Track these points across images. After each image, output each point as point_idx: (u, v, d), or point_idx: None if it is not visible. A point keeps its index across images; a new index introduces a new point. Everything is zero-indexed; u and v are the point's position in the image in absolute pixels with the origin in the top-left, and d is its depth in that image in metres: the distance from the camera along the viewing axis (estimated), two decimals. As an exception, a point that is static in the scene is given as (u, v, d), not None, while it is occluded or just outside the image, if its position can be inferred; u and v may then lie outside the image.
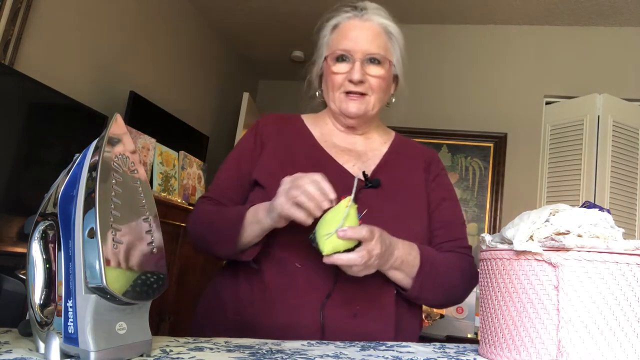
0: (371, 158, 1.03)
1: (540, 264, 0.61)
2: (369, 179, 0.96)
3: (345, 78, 0.97)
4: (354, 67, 0.95)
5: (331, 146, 1.03)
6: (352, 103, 0.98)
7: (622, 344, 0.58)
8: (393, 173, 1.01)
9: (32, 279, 0.56)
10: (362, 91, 0.98)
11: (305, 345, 0.71)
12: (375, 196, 0.95)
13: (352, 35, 0.97)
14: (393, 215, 0.94)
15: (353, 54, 0.96)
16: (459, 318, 2.60)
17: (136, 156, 0.57)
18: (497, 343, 0.66)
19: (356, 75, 0.95)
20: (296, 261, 0.89)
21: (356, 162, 1.01)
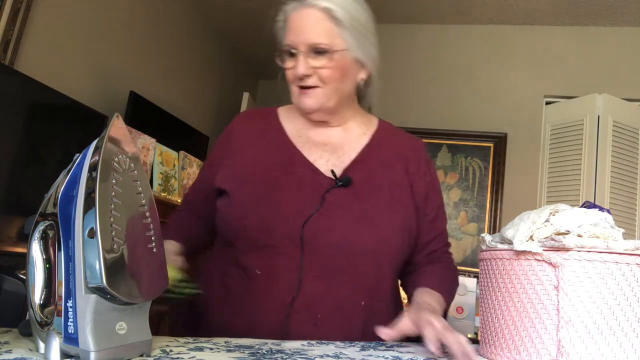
0: (347, 152, 0.98)
1: (540, 264, 0.61)
2: (339, 178, 0.92)
3: (295, 73, 0.92)
4: (297, 61, 0.91)
5: (305, 141, 0.98)
6: (304, 98, 0.94)
7: (622, 344, 0.58)
8: (370, 168, 0.97)
9: (32, 279, 0.56)
10: (312, 84, 0.92)
11: (305, 345, 0.71)
12: (345, 195, 0.91)
13: (294, 27, 0.91)
14: (362, 215, 0.90)
15: (297, 47, 0.91)
16: (459, 318, 2.60)
17: (136, 156, 0.57)
18: (497, 343, 0.66)
19: (299, 69, 0.90)
20: (257, 268, 0.87)
21: (330, 157, 0.96)
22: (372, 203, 0.92)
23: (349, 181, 0.92)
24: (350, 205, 0.90)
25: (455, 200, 3.19)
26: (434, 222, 1.00)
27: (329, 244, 0.86)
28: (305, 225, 0.86)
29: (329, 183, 0.91)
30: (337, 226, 0.87)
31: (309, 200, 0.89)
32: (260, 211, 0.88)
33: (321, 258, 0.86)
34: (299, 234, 0.85)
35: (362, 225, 0.89)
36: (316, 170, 0.94)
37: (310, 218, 0.86)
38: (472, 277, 2.74)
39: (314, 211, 0.87)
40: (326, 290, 0.85)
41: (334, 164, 0.95)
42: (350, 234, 0.87)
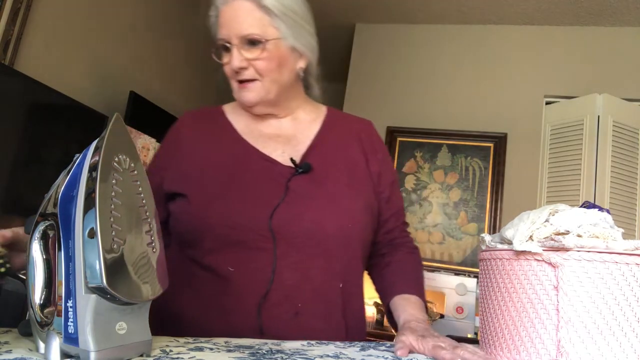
0: (301, 140, 0.98)
1: (540, 264, 0.61)
2: (298, 164, 0.91)
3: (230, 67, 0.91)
4: (232, 55, 0.89)
5: (257, 135, 0.97)
6: (244, 92, 0.93)
7: (622, 344, 0.58)
8: (326, 153, 0.97)
9: (32, 279, 0.56)
10: (250, 77, 0.91)
11: (305, 345, 0.72)
12: (307, 182, 0.91)
13: (226, 21, 0.90)
14: (327, 199, 0.90)
15: (230, 40, 0.89)
16: (459, 318, 2.60)
17: (136, 156, 0.57)
18: (497, 343, 0.66)
19: (234, 63, 0.89)
20: (228, 265, 0.85)
21: (285, 148, 0.95)
22: (335, 186, 0.92)
23: (309, 167, 0.91)
24: (314, 191, 0.90)
25: (455, 200, 3.19)
26: (390, 200, 1.01)
27: (300, 231, 0.86)
28: (274, 215, 0.85)
29: (289, 172, 0.90)
30: (305, 213, 0.87)
31: (272, 192, 0.88)
32: (225, 208, 0.86)
33: (294, 247, 0.85)
34: (267, 225, 0.84)
35: (329, 208, 0.89)
36: (273, 161, 0.92)
37: (278, 208, 0.85)
38: (472, 277, 2.74)
39: (279, 200, 0.86)
40: (304, 278, 0.85)
41: (290, 154, 0.94)
42: (319, 219, 0.87)
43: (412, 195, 3.26)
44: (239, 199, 0.87)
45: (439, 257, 3.14)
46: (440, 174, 3.26)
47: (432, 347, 0.68)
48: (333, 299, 0.88)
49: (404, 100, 3.41)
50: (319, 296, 0.87)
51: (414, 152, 3.31)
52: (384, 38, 3.52)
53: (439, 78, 3.39)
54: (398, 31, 3.50)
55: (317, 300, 0.86)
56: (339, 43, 3.82)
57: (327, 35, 3.73)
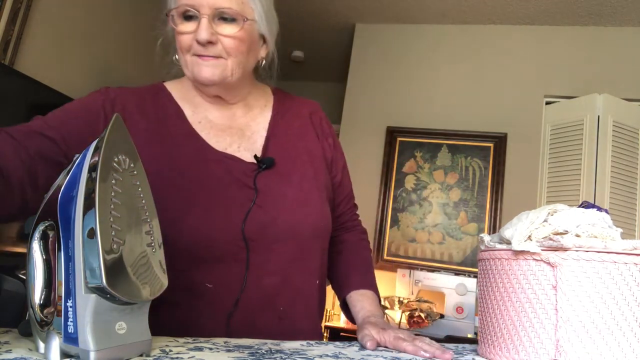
0: (255, 131, 0.90)
1: (538, 264, 0.62)
2: (261, 159, 0.85)
3: (193, 38, 0.79)
4: (200, 25, 0.78)
5: (207, 127, 0.87)
6: (204, 67, 0.80)
7: (620, 344, 0.58)
8: (285, 143, 0.91)
9: (32, 279, 0.56)
10: (215, 54, 0.80)
11: (304, 345, 0.72)
12: (274, 179, 0.85)
13: None
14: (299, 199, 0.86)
15: (199, 9, 0.78)
16: (459, 318, 2.60)
17: (136, 156, 0.57)
18: (496, 343, 0.66)
19: (203, 34, 0.77)
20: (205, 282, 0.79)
21: (240, 141, 0.88)
22: (302, 181, 0.88)
23: (272, 162, 0.86)
24: (281, 188, 0.85)
25: (455, 200, 3.19)
26: (341, 184, 1.00)
27: (276, 235, 0.82)
28: (246, 222, 0.80)
29: (252, 169, 0.84)
30: (279, 216, 0.83)
31: (239, 195, 0.82)
32: (193, 224, 0.77)
33: (271, 251, 0.82)
34: (241, 235, 0.79)
35: (303, 209, 0.86)
36: (233, 158, 0.85)
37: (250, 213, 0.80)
38: (472, 277, 2.74)
39: (250, 205, 0.81)
40: (284, 281, 0.83)
41: (247, 147, 0.87)
42: (294, 222, 0.84)
43: (412, 195, 3.26)
44: (207, 209, 0.79)
45: (439, 257, 3.14)
46: (440, 174, 3.26)
47: (393, 338, 0.73)
48: (311, 297, 0.89)
49: (404, 100, 3.41)
50: (300, 296, 0.86)
51: (414, 152, 3.31)
52: (384, 38, 3.52)
53: (439, 78, 3.39)
54: (398, 31, 3.51)
55: (299, 301, 0.86)
56: (339, 43, 3.82)
57: (327, 35, 3.74)
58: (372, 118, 3.42)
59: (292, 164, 0.89)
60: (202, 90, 0.88)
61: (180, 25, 0.80)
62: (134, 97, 0.85)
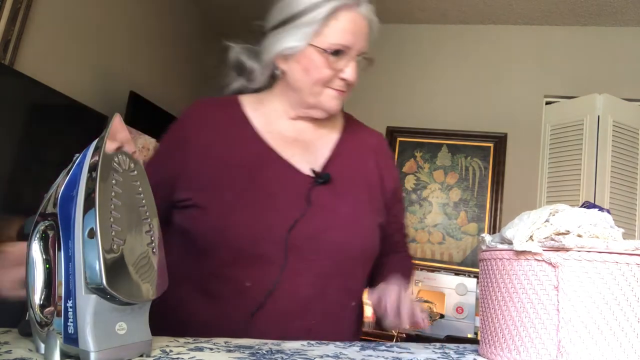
0: (320, 148, 0.94)
1: (540, 264, 0.61)
2: (319, 174, 0.89)
3: (336, 75, 0.88)
4: (349, 66, 0.87)
5: (277, 137, 0.92)
6: (336, 100, 0.90)
7: (622, 344, 0.58)
8: (346, 165, 0.94)
9: (32, 279, 0.56)
10: (346, 90, 0.91)
11: (305, 345, 0.71)
12: (328, 194, 0.88)
13: (354, 30, 0.86)
14: (348, 215, 0.88)
15: (351, 51, 0.87)
16: (459, 318, 2.60)
17: (136, 156, 0.57)
18: (497, 343, 0.66)
19: (353, 75, 0.88)
20: (245, 280, 0.82)
21: (304, 153, 0.92)
22: (354, 202, 0.90)
23: (329, 178, 0.89)
24: (333, 205, 0.88)
25: (455, 200, 3.19)
26: (397, 215, 1.02)
27: (321, 249, 0.84)
28: (293, 229, 0.82)
29: (309, 181, 0.88)
30: (328, 231, 0.85)
31: (292, 202, 0.85)
32: (244, 219, 0.82)
33: (308, 264, 0.83)
34: (284, 240, 0.81)
35: (353, 229, 0.87)
36: (293, 168, 0.89)
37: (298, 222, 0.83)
38: (472, 277, 2.74)
39: (300, 213, 0.83)
40: (319, 295, 0.84)
41: (309, 161, 0.91)
42: (342, 239, 0.86)
43: (412, 195, 3.26)
44: (259, 209, 0.83)
45: (439, 257, 3.14)
46: (440, 174, 3.26)
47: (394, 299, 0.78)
48: (346, 318, 0.88)
49: (404, 100, 3.41)
50: (331, 314, 0.85)
51: (414, 152, 3.31)
52: (383, 38, 3.50)
53: (439, 78, 3.38)
54: (398, 31, 3.50)
55: (329, 318, 0.85)
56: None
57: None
58: (372, 118, 3.39)
59: (349, 185, 0.91)
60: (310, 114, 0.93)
61: (329, 60, 0.86)
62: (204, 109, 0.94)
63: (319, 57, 0.86)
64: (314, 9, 0.85)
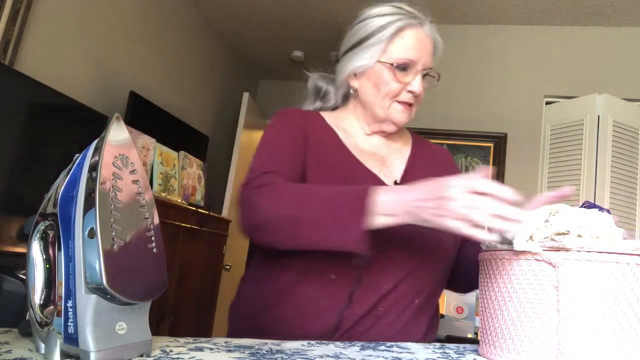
0: (395, 163, 1.02)
1: (540, 264, 0.61)
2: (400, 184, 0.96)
3: (403, 88, 0.95)
4: (415, 79, 0.95)
5: (357, 150, 0.99)
6: (404, 113, 0.97)
7: (622, 344, 0.58)
8: (420, 175, 0.96)
9: (32, 279, 0.56)
10: (413, 102, 0.97)
11: (305, 345, 0.71)
12: None
13: (419, 46, 0.95)
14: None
15: (416, 65, 0.95)
16: (459, 318, 2.60)
17: (136, 156, 0.57)
18: (497, 343, 0.66)
19: (419, 88, 0.95)
20: (331, 273, 0.86)
21: (382, 167, 0.99)
22: None
23: None
24: None
25: (455, 200, 3.19)
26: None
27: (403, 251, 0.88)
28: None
29: None
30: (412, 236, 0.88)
31: None
32: None
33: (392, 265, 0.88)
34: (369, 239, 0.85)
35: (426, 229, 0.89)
36: (377, 177, 0.95)
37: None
38: (472, 277, 2.74)
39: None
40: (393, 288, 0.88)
41: (386, 175, 0.98)
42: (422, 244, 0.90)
43: (412, 195, 3.26)
44: None
45: (439, 257, 3.14)
46: (440, 174, 3.25)
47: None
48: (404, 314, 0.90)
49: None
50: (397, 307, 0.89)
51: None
52: (384, 38, 3.51)
53: (439, 78, 3.38)
54: (398, 31, 3.50)
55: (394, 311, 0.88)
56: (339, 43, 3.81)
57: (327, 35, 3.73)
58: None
59: None
60: (381, 127, 1.00)
61: (397, 75, 0.94)
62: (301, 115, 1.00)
63: (387, 72, 0.94)
64: (381, 30, 0.95)
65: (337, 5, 3.37)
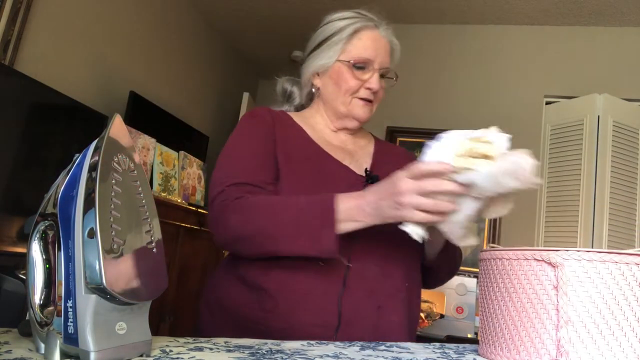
0: (362, 157, 1.07)
1: (539, 264, 0.62)
2: (370, 174, 1.00)
3: (362, 85, 1.01)
4: (373, 77, 1.01)
5: (325, 144, 1.04)
6: (364, 108, 1.03)
7: (622, 344, 0.58)
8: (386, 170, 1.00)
9: (32, 279, 0.56)
10: (371, 99, 1.03)
11: (305, 345, 0.72)
12: None
13: (375, 46, 1.02)
14: None
15: (373, 64, 1.01)
16: (459, 318, 2.60)
17: (136, 156, 0.57)
18: (497, 343, 0.66)
19: (376, 85, 1.01)
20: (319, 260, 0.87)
21: (350, 160, 1.04)
22: None
23: (378, 179, 0.98)
24: None
25: (455, 200, 3.19)
26: None
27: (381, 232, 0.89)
28: None
29: (362, 180, 0.99)
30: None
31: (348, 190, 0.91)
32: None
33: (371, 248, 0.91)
34: None
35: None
36: (347, 167, 1.00)
37: None
38: (472, 277, 2.74)
39: None
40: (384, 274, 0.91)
41: (356, 166, 1.03)
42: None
43: (412, 195, 3.26)
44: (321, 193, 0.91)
45: (439, 257, 3.13)
46: (440, 174, 3.25)
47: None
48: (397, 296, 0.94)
49: (404, 100, 3.41)
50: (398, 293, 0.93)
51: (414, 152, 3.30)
52: (384, 38, 3.51)
53: (439, 78, 3.38)
54: (398, 31, 3.48)
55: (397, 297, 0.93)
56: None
57: (327, 35, 3.73)
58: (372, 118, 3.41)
59: None
60: (345, 124, 1.06)
61: (354, 72, 1.01)
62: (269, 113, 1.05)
63: (346, 70, 1.01)
64: (340, 31, 1.02)
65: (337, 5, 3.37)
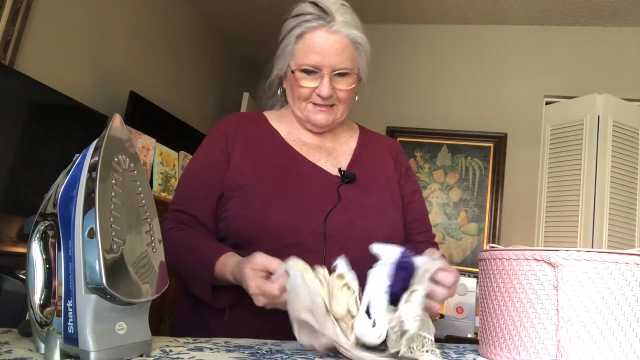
0: (341, 154, 1.04)
1: (539, 264, 0.62)
2: (345, 174, 0.97)
3: (313, 92, 0.95)
4: (322, 83, 0.93)
5: (300, 144, 1.01)
6: (320, 115, 0.97)
7: (622, 344, 0.58)
8: (366, 166, 1.02)
9: (32, 279, 0.56)
10: (330, 103, 0.96)
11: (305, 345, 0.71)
12: (353, 190, 0.96)
13: (320, 49, 0.92)
14: (373, 206, 0.96)
15: (321, 69, 0.93)
16: (459, 318, 2.60)
17: (136, 156, 0.57)
18: (497, 343, 0.66)
19: (325, 91, 0.93)
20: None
21: (327, 159, 1.01)
22: (378, 196, 0.98)
23: (354, 177, 0.97)
24: (360, 199, 0.95)
25: (455, 200, 3.19)
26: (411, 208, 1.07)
27: (351, 236, 0.90)
28: (327, 219, 0.89)
29: (336, 180, 0.96)
30: (356, 219, 0.92)
31: (323, 197, 0.92)
32: (282, 211, 0.89)
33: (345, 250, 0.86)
34: (321, 229, 0.88)
35: (377, 217, 0.94)
36: (321, 169, 0.97)
37: (331, 213, 0.90)
38: (472, 277, 2.74)
39: (333, 206, 0.91)
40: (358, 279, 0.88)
41: (333, 165, 1.00)
42: (369, 227, 0.92)
43: (412, 195, 3.26)
44: (295, 202, 0.90)
45: (439, 257, 3.13)
46: (440, 174, 3.26)
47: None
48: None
49: (404, 100, 3.41)
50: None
51: (414, 152, 3.31)
52: (383, 38, 3.51)
53: (439, 78, 3.38)
54: (398, 31, 3.50)
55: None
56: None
57: (327, 35, 3.73)
58: (372, 118, 3.41)
59: (371, 183, 1.00)
60: (309, 127, 1.02)
61: (302, 79, 0.94)
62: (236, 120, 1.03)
63: (293, 77, 0.95)
64: (288, 33, 0.96)
65: (337, 5, 3.37)
